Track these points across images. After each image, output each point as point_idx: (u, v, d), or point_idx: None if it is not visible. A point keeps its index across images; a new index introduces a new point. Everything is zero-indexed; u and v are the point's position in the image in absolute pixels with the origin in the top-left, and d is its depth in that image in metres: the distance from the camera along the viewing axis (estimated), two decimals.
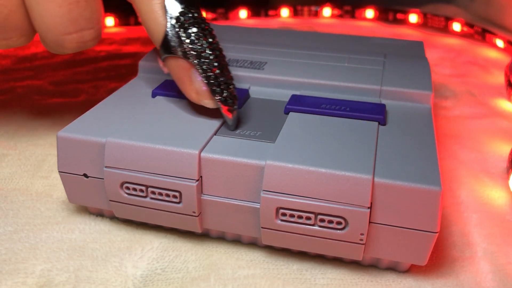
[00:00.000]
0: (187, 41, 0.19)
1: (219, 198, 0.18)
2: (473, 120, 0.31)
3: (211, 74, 0.19)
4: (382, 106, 0.21)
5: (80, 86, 0.34)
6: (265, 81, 0.24)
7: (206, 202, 0.19)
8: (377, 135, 0.19)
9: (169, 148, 0.18)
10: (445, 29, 0.50)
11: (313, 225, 0.17)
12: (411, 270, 0.19)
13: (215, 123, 0.20)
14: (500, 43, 0.44)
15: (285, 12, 0.55)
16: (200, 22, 0.19)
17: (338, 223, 0.17)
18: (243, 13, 0.53)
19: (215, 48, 0.19)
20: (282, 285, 0.18)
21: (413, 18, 0.52)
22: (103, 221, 0.21)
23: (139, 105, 0.22)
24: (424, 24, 0.51)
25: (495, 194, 0.24)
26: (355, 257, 0.18)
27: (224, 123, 0.20)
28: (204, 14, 0.49)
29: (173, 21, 0.19)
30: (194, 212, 0.19)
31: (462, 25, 0.48)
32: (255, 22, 0.53)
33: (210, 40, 0.19)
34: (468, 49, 0.45)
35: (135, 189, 0.19)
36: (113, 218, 0.21)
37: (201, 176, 0.18)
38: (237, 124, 0.20)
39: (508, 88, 0.34)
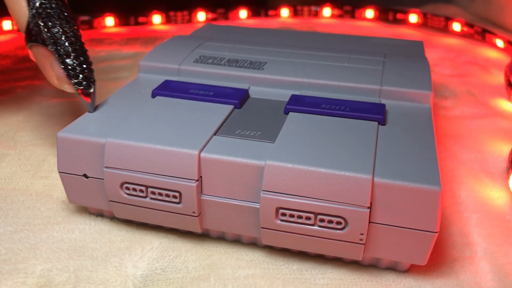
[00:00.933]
0: (45, 29, 0.20)
1: (219, 198, 0.18)
2: (473, 120, 0.31)
3: (66, 59, 0.20)
4: (382, 106, 0.21)
5: None
6: (265, 81, 0.24)
7: (206, 202, 0.19)
8: (377, 135, 0.19)
9: (169, 148, 0.18)
10: (445, 29, 0.50)
11: (313, 225, 0.17)
12: (411, 270, 0.19)
13: (215, 123, 0.20)
14: (500, 43, 0.44)
15: (285, 12, 0.55)
16: (58, 12, 0.20)
17: (338, 223, 0.17)
18: (243, 13, 0.53)
19: (72, 35, 0.20)
20: (282, 285, 0.18)
21: (413, 18, 0.52)
22: (103, 221, 0.21)
23: (139, 105, 0.22)
24: (424, 24, 0.51)
25: (495, 194, 0.24)
26: (355, 257, 0.18)
27: (224, 123, 0.20)
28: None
29: (34, 11, 0.20)
30: (194, 212, 0.19)
31: (462, 25, 0.48)
32: (255, 22, 0.53)
33: (66, 28, 0.20)
34: (468, 49, 0.45)
35: (135, 189, 0.19)
36: (113, 218, 0.21)
37: (201, 176, 0.18)
38: (95, 107, 0.21)
39: (508, 88, 0.34)
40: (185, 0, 0.52)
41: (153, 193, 0.19)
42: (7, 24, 0.46)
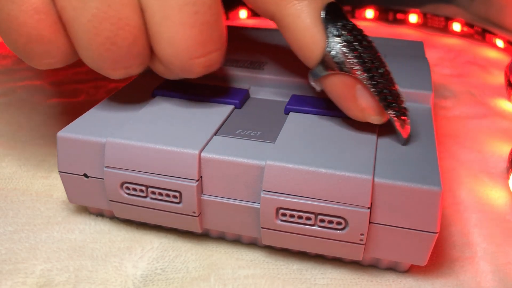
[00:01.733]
0: (353, 56, 0.18)
1: (219, 198, 0.18)
2: (473, 120, 0.31)
3: (382, 88, 0.18)
4: None
5: (80, 86, 0.34)
6: (265, 81, 0.24)
7: (206, 202, 0.19)
8: (377, 135, 0.19)
9: (169, 148, 0.18)
10: (445, 29, 0.50)
11: (313, 225, 0.17)
12: (411, 270, 0.19)
13: (215, 123, 0.20)
14: (500, 43, 0.44)
15: None
16: (362, 34, 0.18)
17: (338, 223, 0.17)
18: (243, 13, 0.53)
19: (382, 60, 0.18)
20: (282, 285, 0.18)
21: (413, 18, 0.52)
22: (103, 221, 0.21)
23: (139, 105, 0.22)
24: (424, 24, 0.51)
25: (495, 194, 0.24)
26: (355, 257, 0.18)
27: (224, 123, 0.20)
28: None
29: (335, 37, 0.18)
30: (194, 212, 0.19)
31: (462, 25, 0.48)
32: (255, 22, 0.53)
33: (376, 52, 0.18)
34: (468, 49, 0.45)
35: (135, 189, 0.19)
36: (113, 218, 0.21)
37: (201, 176, 0.18)
38: (409, 139, 0.19)
39: (508, 88, 0.34)
40: None
41: (153, 193, 0.19)
42: None
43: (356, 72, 0.18)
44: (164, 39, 0.18)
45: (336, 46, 0.18)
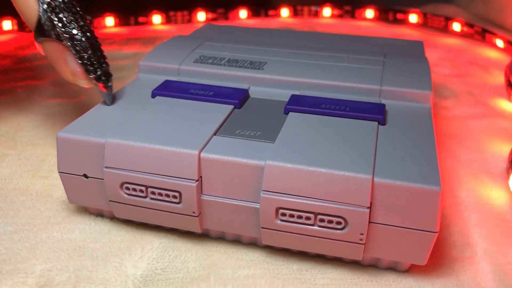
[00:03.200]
0: (60, 25, 0.20)
1: (219, 198, 0.18)
2: (473, 120, 0.31)
3: (84, 54, 0.20)
4: (382, 106, 0.21)
5: (80, 86, 0.34)
6: (265, 81, 0.24)
7: (206, 202, 0.19)
8: (377, 135, 0.19)
9: (169, 148, 0.18)
10: (445, 29, 0.50)
11: (313, 225, 0.17)
12: (411, 270, 0.19)
13: (215, 123, 0.20)
14: (500, 43, 0.44)
15: (285, 12, 0.55)
16: (70, 7, 0.20)
17: (338, 223, 0.17)
18: (243, 13, 0.53)
19: (86, 30, 0.20)
20: (282, 285, 0.18)
21: (413, 18, 0.52)
22: (103, 221, 0.21)
23: (139, 105, 0.22)
24: (424, 24, 0.51)
25: (495, 194, 0.24)
26: (355, 257, 0.18)
27: (224, 123, 0.20)
28: (206, 14, 0.49)
29: (45, 6, 0.20)
30: (194, 212, 0.19)
31: (462, 25, 0.48)
32: (255, 22, 0.53)
33: (81, 23, 0.20)
34: (468, 49, 0.45)
35: (135, 190, 0.19)
36: (113, 218, 0.21)
37: (201, 176, 0.18)
38: (113, 99, 0.22)
39: (508, 88, 0.34)
40: (185, 0, 0.52)
41: (153, 193, 0.19)
42: (7, 24, 0.46)
43: (63, 40, 0.20)
44: None
45: (45, 15, 0.20)
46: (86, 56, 0.20)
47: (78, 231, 0.21)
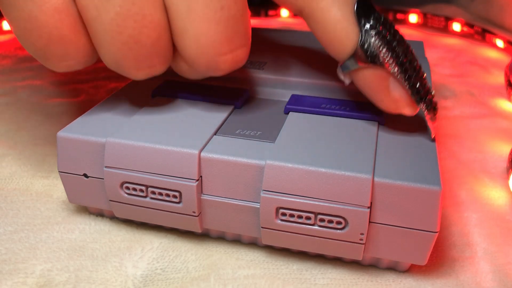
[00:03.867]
0: (386, 49, 0.18)
1: (219, 198, 0.18)
2: (473, 120, 0.31)
3: (414, 82, 0.18)
4: None
5: (80, 86, 0.34)
6: (265, 81, 0.24)
7: (206, 202, 0.19)
8: (377, 135, 0.19)
9: (169, 148, 0.18)
10: (445, 29, 0.50)
11: (313, 225, 0.17)
12: (411, 270, 0.19)
13: (215, 123, 0.20)
14: (500, 43, 0.44)
15: (285, 12, 0.55)
16: (391, 27, 0.18)
17: (338, 223, 0.17)
18: None
19: (413, 53, 0.18)
20: (282, 285, 0.18)
21: (413, 18, 0.52)
22: (103, 221, 0.21)
23: (139, 105, 0.22)
24: (424, 24, 0.51)
25: (495, 194, 0.24)
26: (355, 257, 0.18)
27: (224, 123, 0.20)
28: None
29: (368, 30, 0.18)
30: (194, 212, 0.19)
31: (462, 25, 0.48)
32: (255, 22, 0.53)
33: (407, 45, 0.18)
34: (468, 49, 0.45)
35: (135, 189, 0.19)
36: (113, 218, 0.21)
37: (201, 176, 0.18)
38: (433, 133, 0.19)
39: (508, 88, 0.34)
40: None
41: (153, 192, 0.19)
42: (7, 24, 0.46)
43: (389, 66, 0.18)
44: (189, 36, 0.18)
45: (370, 39, 0.18)
46: (416, 83, 0.18)
47: (78, 231, 0.21)
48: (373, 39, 0.18)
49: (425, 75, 0.19)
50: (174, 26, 0.18)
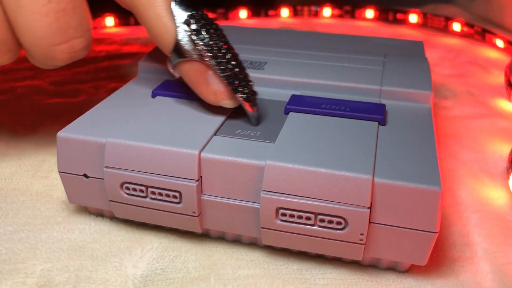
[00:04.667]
0: (201, 43, 0.19)
1: (219, 198, 0.18)
2: (473, 120, 0.31)
3: (230, 73, 0.19)
4: (382, 106, 0.21)
5: (80, 86, 0.34)
6: (265, 81, 0.24)
7: (206, 202, 0.19)
8: (377, 135, 0.19)
9: (169, 148, 0.18)
10: (445, 29, 0.50)
11: (313, 225, 0.17)
12: (411, 270, 0.19)
13: (215, 123, 0.20)
14: (500, 43, 0.44)
15: (285, 12, 0.54)
16: (210, 23, 0.19)
17: (338, 223, 0.17)
18: (243, 13, 0.53)
19: (229, 47, 0.19)
20: (282, 285, 0.18)
21: (413, 18, 0.52)
22: (103, 221, 0.21)
23: (139, 105, 0.22)
24: (424, 24, 0.51)
25: (495, 194, 0.24)
26: (355, 257, 0.18)
27: (224, 123, 0.20)
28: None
29: (185, 26, 0.19)
30: (194, 212, 0.19)
31: (462, 25, 0.48)
32: (255, 22, 0.53)
33: (224, 39, 0.19)
34: (468, 49, 0.45)
35: (135, 189, 0.19)
36: (113, 218, 0.21)
37: (201, 176, 0.18)
38: (259, 120, 0.20)
39: (508, 88, 0.34)
40: None
41: (153, 193, 0.19)
42: None
43: (205, 59, 0.19)
44: (21, 28, 0.19)
45: (185, 34, 0.19)
46: (232, 75, 0.19)
47: (78, 231, 0.21)
48: (188, 34, 0.19)
49: (243, 67, 0.20)
50: (9, 17, 0.19)
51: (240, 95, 0.19)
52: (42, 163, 0.25)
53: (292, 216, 0.17)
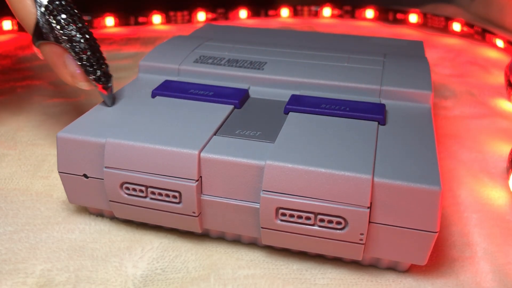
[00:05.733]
0: (58, 27, 0.20)
1: (219, 198, 0.18)
2: (473, 120, 0.31)
3: (83, 56, 0.20)
4: (382, 106, 0.21)
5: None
6: (265, 81, 0.24)
7: (206, 202, 0.19)
8: (377, 135, 0.19)
9: (169, 148, 0.18)
10: (445, 29, 0.50)
11: (313, 225, 0.17)
12: (411, 270, 0.19)
13: (215, 123, 0.20)
14: (500, 43, 0.44)
15: (285, 12, 0.55)
16: (68, 9, 0.20)
17: (338, 223, 0.17)
18: (243, 13, 0.53)
19: (85, 32, 0.20)
20: (282, 285, 0.18)
21: (413, 18, 0.52)
22: (103, 221, 0.21)
23: (139, 105, 0.22)
24: (424, 24, 0.51)
25: (495, 194, 0.24)
26: (355, 257, 0.18)
27: (224, 123, 0.20)
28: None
29: (43, 9, 0.20)
30: (194, 212, 0.19)
31: (462, 25, 0.48)
32: (255, 22, 0.53)
33: (80, 24, 0.20)
34: (468, 49, 0.45)
35: (135, 190, 0.19)
36: (113, 218, 0.21)
37: (200, 176, 0.18)
38: (113, 100, 0.22)
39: (508, 88, 0.34)
40: (185, 0, 0.52)
41: (153, 193, 0.19)
42: (7, 24, 0.46)
43: (61, 42, 0.20)
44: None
45: (43, 17, 0.20)
46: (85, 58, 0.20)
47: (78, 231, 0.21)
48: (45, 17, 0.20)
49: (98, 49, 0.21)
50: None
51: (91, 77, 0.21)
52: (42, 163, 0.25)
53: (292, 216, 0.17)
